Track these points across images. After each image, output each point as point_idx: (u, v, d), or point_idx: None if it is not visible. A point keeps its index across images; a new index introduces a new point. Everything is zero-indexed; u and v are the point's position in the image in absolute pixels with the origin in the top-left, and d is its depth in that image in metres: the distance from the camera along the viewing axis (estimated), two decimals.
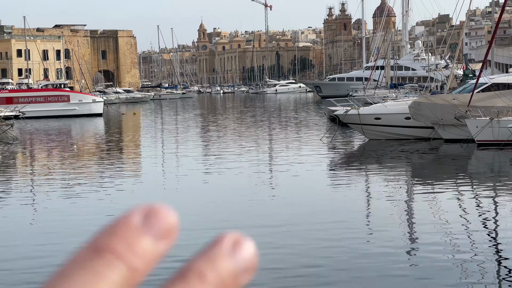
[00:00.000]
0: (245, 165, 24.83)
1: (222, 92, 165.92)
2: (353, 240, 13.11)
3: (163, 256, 0.56)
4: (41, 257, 12.70)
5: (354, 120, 32.63)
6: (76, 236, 14.38)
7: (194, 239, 13.76)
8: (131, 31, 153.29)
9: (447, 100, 30.32)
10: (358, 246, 12.63)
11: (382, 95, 59.18)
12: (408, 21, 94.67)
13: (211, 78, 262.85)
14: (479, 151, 26.91)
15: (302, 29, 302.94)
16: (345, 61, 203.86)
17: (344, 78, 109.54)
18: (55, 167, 26.66)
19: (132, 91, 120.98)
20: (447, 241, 13.02)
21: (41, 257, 12.73)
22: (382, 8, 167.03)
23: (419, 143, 30.41)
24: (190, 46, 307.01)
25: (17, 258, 12.68)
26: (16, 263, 12.36)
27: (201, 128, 47.03)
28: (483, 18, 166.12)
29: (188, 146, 33.50)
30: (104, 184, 21.21)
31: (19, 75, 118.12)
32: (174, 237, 0.58)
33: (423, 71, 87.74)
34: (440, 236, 13.39)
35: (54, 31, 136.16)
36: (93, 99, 69.59)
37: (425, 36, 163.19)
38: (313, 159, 26.24)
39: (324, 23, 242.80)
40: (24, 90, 72.62)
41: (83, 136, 44.09)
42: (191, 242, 13.51)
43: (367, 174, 22.66)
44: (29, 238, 14.41)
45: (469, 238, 13.24)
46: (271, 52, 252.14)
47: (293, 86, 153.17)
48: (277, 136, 38.12)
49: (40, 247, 13.51)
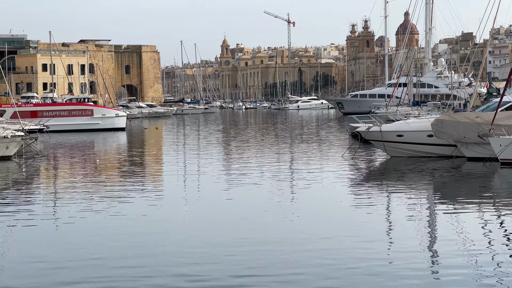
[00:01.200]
0: (266, 181, 24.83)
1: (244, 108, 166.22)
2: (375, 261, 13.03)
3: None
4: (61, 272, 12.77)
5: (376, 137, 32.54)
6: (97, 251, 14.45)
7: (215, 256, 13.79)
8: (155, 46, 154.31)
9: (470, 118, 30.13)
10: (380, 268, 12.56)
11: (404, 112, 59.03)
12: (431, 39, 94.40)
13: (234, 94, 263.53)
14: (503, 170, 26.70)
15: (325, 46, 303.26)
16: (367, 78, 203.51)
17: (366, 95, 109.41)
18: (78, 181, 26.82)
19: (155, 106, 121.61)
20: (471, 262, 12.93)
21: (61, 272, 12.81)
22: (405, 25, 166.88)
23: (441, 161, 30.24)
24: (213, 62, 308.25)
25: (39, 275, 12.77)
26: (41, 278, 12.44)
27: (222, 144, 47.11)
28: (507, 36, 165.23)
29: (210, 161, 33.56)
30: (126, 200, 21.29)
31: (44, 89, 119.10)
32: None
33: (446, 89, 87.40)
34: (464, 257, 13.28)
35: (79, 46, 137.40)
36: (116, 113, 70.04)
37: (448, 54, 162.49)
38: (334, 176, 26.18)
39: (347, 40, 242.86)
40: (49, 104, 73.15)
41: (106, 150, 44.34)
42: (213, 260, 13.54)
43: (389, 192, 22.56)
44: (52, 251, 14.49)
45: (493, 259, 13.13)
46: (294, 68, 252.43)
47: (315, 103, 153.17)
48: (299, 152, 38.09)
49: (63, 262, 13.59)
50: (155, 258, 13.63)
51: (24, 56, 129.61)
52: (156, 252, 14.15)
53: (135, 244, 14.99)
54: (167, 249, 14.42)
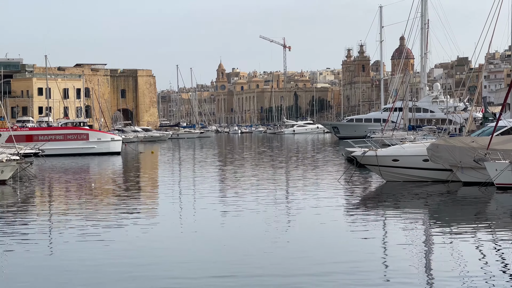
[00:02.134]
0: (262, 207, 24.75)
1: (240, 132, 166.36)
2: (371, 286, 12.98)
3: None
4: None
5: (372, 162, 32.54)
6: (91, 276, 14.36)
7: (210, 285, 13.70)
8: (151, 71, 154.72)
9: (466, 143, 30.17)
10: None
11: (400, 137, 59.04)
12: (427, 63, 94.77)
13: (229, 118, 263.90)
14: (498, 195, 26.68)
15: (321, 70, 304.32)
16: (363, 102, 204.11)
17: (362, 119, 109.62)
18: (73, 205, 26.72)
19: (150, 130, 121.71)
20: (465, 285, 12.87)
21: None
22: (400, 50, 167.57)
23: (437, 186, 30.22)
24: (209, 86, 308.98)
25: None
26: None
27: (218, 168, 47.05)
28: (502, 61, 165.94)
29: (205, 186, 33.48)
30: (121, 224, 21.21)
31: (39, 113, 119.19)
32: None
33: (441, 113, 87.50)
34: (460, 282, 13.24)
35: (75, 70, 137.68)
36: (112, 137, 70.02)
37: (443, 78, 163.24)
38: (330, 200, 26.12)
39: (343, 65, 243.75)
40: (44, 128, 73.14)
41: (101, 174, 44.24)
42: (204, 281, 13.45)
43: (385, 216, 22.50)
44: (45, 276, 14.39)
45: (489, 284, 13.07)
46: (289, 92, 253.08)
47: (311, 127, 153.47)
48: (295, 177, 38.04)
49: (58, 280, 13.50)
50: (148, 283, 13.54)
51: (20, 80, 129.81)
52: (148, 278, 14.05)
53: (127, 270, 14.88)
54: (159, 275, 14.32)
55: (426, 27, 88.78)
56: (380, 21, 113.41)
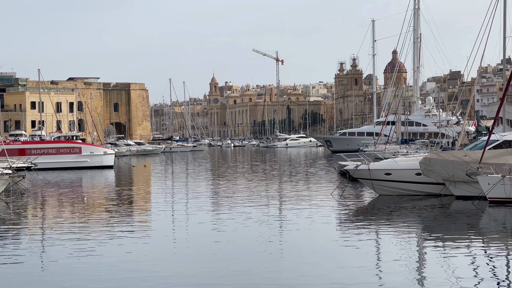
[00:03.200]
0: (255, 220, 24.71)
1: (233, 146, 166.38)
2: None
3: None
4: None
5: (365, 175, 32.56)
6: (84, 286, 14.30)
7: None
8: (144, 84, 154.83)
9: (458, 157, 30.22)
10: None
11: (392, 150, 59.06)
12: (419, 77, 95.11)
13: (222, 131, 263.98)
14: (491, 208, 26.71)
15: (313, 84, 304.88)
16: (356, 116, 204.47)
17: (354, 133, 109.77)
18: (65, 220, 26.63)
19: (143, 144, 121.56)
20: None
21: None
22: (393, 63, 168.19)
23: (430, 199, 30.24)
24: (202, 99, 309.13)
25: None
26: None
27: (211, 182, 46.99)
28: (495, 75, 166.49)
29: (198, 200, 33.43)
30: (113, 238, 21.14)
31: (32, 127, 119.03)
32: None
33: (434, 127, 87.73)
34: None
35: (67, 83, 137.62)
36: (105, 151, 69.92)
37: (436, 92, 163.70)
38: (323, 214, 26.10)
39: (335, 78, 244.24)
40: (37, 142, 73.00)
41: (94, 188, 44.13)
42: None
43: (378, 230, 22.49)
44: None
45: None
46: (282, 106, 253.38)
47: (303, 140, 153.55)
48: (287, 190, 38.01)
49: None
50: None
51: (13, 94, 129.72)
52: None
53: (119, 285, 14.83)
54: None
55: (419, 41, 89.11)
56: (373, 35, 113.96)
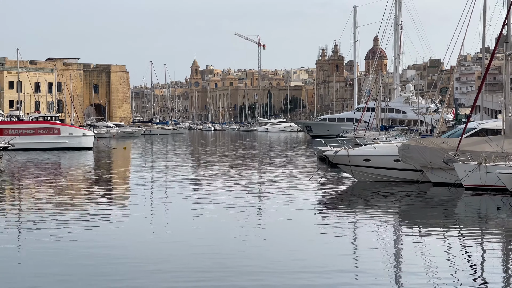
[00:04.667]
0: (233, 204, 24.78)
1: (213, 129, 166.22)
2: (340, 286, 13.08)
3: None
4: None
5: (344, 161, 32.71)
6: (61, 272, 14.29)
7: (182, 282, 13.71)
8: (124, 66, 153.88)
9: (436, 144, 30.46)
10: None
11: (372, 136, 59.41)
12: (400, 64, 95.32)
13: (203, 115, 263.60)
14: (467, 196, 26.98)
15: (295, 69, 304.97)
16: (336, 102, 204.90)
17: (335, 118, 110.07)
18: (42, 201, 26.54)
19: (123, 126, 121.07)
20: (433, 286, 13.02)
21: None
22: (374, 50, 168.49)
23: (407, 186, 30.48)
24: (183, 83, 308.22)
25: None
26: None
27: (190, 166, 46.98)
28: (474, 63, 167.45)
29: (177, 183, 33.44)
30: (91, 220, 21.11)
31: (10, 107, 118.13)
32: None
33: (413, 114, 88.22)
34: (426, 281, 13.38)
35: (47, 64, 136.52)
36: (84, 132, 69.62)
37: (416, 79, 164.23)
38: (301, 199, 26.23)
39: (317, 64, 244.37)
40: (15, 122, 72.51)
41: (72, 169, 43.95)
42: (180, 285, 13.46)
43: (355, 216, 22.64)
44: (10, 277, 14.29)
45: (455, 283, 13.22)
46: (263, 90, 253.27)
47: (284, 125, 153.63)
48: (266, 175, 38.11)
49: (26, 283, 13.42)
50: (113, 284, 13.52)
51: None
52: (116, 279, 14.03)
53: (96, 269, 14.84)
54: (127, 276, 14.30)
55: (400, 28, 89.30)
56: (355, 21, 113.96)
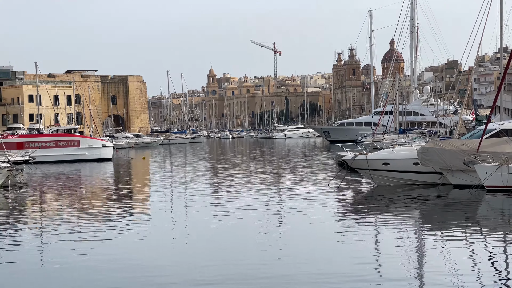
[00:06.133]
0: (253, 211, 24.77)
1: (231, 137, 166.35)
2: None
3: None
4: None
5: (363, 165, 32.59)
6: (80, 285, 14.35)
7: None
8: (141, 77, 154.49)
9: (456, 146, 30.28)
10: None
11: (390, 140, 59.22)
12: (417, 67, 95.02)
13: (220, 123, 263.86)
14: (489, 197, 26.79)
15: (311, 75, 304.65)
16: (353, 106, 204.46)
17: (353, 123, 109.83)
18: (64, 213, 26.67)
19: (141, 136, 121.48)
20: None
21: None
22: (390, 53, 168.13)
23: (427, 189, 30.31)
24: (200, 91, 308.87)
25: None
26: None
27: (210, 173, 47.04)
28: (492, 64, 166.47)
29: (197, 191, 33.49)
30: (113, 231, 21.17)
31: (30, 120, 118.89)
32: None
33: (432, 117, 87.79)
34: (451, 286, 13.30)
35: (65, 76, 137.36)
36: (103, 144, 69.94)
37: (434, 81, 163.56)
38: (321, 204, 26.16)
39: (333, 69, 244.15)
40: (35, 135, 72.96)
41: (93, 181, 44.16)
42: None
43: (376, 220, 22.55)
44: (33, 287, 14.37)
45: (479, 286, 13.13)
46: (280, 97, 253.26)
47: (301, 131, 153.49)
48: (286, 181, 38.06)
49: None
50: None
51: (10, 87, 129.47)
52: None
53: (119, 280, 14.89)
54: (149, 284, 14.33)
55: (416, 30, 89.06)
56: (370, 25, 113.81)
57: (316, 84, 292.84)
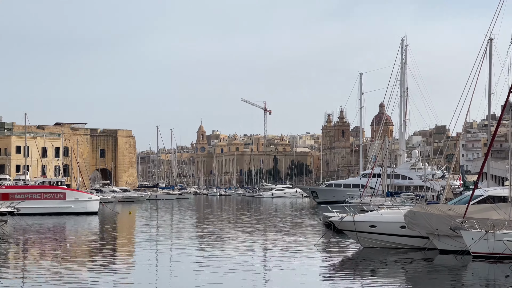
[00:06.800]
0: (238, 271, 24.55)
1: (218, 194, 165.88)
2: None
3: None
4: None
5: (349, 227, 32.49)
6: None
7: None
8: (131, 131, 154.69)
9: (443, 211, 30.26)
10: None
11: (378, 203, 59.15)
12: (406, 131, 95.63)
13: (208, 180, 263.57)
14: (474, 263, 26.68)
15: (301, 135, 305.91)
16: (342, 168, 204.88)
17: (341, 184, 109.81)
18: (46, 267, 26.33)
19: (128, 190, 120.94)
20: None
21: None
22: (380, 116, 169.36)
23: (414, 253, 30.17)
24: (189, 147, 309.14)
25: None
26: None
27: (195, 231, 46.73)
28: (480, 130, 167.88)
29: (182, 249, 33.22)
30: (95, 285, 20.90)
31: (17, 171, 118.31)
32: None
33: (419, 181, 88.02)
34: None
35: (54, 128, 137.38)
36: (89, 197, 69.55)
37: (422, 146, 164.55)
38: (306, 266, 25.97)
39: (322, 129, 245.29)
40: (21, 186, 72.52)
41: (77, 235, 43.75)
42: None
43: (361, 283, 22.38)
44: None
45: None
46: (269, 156, 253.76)
47: (289, 191, 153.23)
48: (272, 241, 37.83)
49: None
50: None
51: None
52: None
53: None
54: None
55: (405, 94, 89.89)
56: (360, 88, 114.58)
57: (305, 144, 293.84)
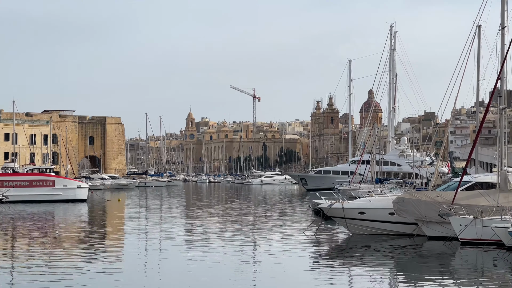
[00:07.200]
0: (227, 258, 24.60)
1: (208, 181, 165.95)
2: None
3: None
4: None
5: (338, 214, 32.58)
6: None
7: None
8: (120, 118, 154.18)
9: (431, 197, 30.39)
10: None
11: (367, 189, 59.35)
12: (395, 117, 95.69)
13: (198, 167, 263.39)
14: (463, 250, 26.83)
15: (290, 122, 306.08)
16: (331, 154, 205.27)
17: (330, 171, 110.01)
18: (35, 254, 26.30)
19: (118, 178, 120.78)
20: None
21: None
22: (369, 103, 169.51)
23: (402, 239, 30.30)
24: (178, 135, 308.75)
25: None
26: None
27: (185, 218, 46.75)
28: (468, 117, 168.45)
29: (171, 236, 33.23)
30: (83, 275, 20.89)
31: (5, 158, 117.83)
32: None
33: (408, 167, 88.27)
34: None
35: (42, 116, 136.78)
36: (78, 184, 69.40)
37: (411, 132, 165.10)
38: (295, 253, 26.04)
39: (312, 116, 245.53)
40: (9, 174, 72.23)
41: (66, 222, 43.68)
42: None
43: (350, 270, 22.46)
44: None
45: None
46: (258, 143, 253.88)
47: (278, 178, 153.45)
48: (261, 227, 37.90)
49: None
50: None
51: None
52: None
53: None
54: None
55: (394, 81, 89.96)
56: (349, 74, 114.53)
57: (294, 131, 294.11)
